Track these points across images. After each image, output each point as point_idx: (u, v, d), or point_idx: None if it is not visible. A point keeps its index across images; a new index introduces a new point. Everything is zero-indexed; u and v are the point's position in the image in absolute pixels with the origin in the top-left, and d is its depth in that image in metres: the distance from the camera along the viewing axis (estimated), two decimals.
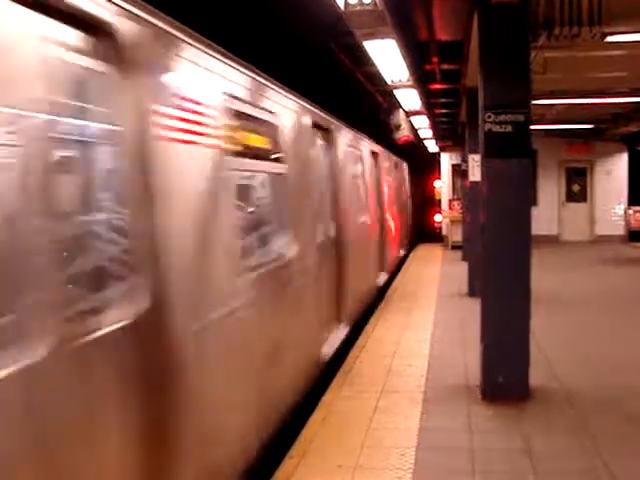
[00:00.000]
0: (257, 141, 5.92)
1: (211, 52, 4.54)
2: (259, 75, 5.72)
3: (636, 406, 6.29)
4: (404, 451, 5.35)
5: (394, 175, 17.83)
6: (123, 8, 3.30)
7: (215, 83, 4.63)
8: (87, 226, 3.14)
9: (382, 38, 6.84)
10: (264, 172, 6.11)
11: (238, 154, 5.05)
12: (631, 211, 22.40)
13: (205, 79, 4.45)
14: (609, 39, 7.64)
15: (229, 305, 4.49)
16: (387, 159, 16.26)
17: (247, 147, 5.46)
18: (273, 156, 6.25)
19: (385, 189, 14.92)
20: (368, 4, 5.56)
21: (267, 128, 6.05)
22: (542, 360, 7.67)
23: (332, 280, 8.44)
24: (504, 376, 6.59)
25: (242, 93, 5.22)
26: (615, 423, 5.90)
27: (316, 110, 8.06)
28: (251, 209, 5.70)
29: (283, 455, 5.35)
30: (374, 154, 13.64)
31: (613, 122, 19.14)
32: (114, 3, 3.22)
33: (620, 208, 22.82)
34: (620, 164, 22.90)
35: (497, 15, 6.46)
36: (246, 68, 5.33)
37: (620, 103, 15.63)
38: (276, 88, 6.31)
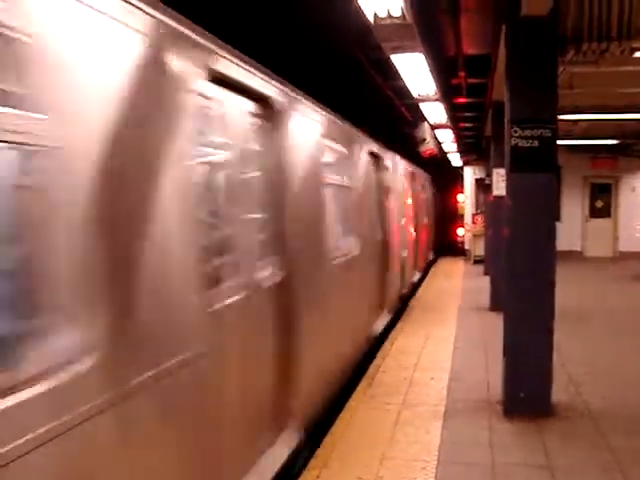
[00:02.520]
0: (341, 171, 7.91)
1: (308, 103, 6.33)
2: (337, 116, 7.72)
3: None
4: (424, 465, 5.34)
5: (422, 191, 19.39)
6: (276, 87, 5.23)
7: (314, 127, 6.60)
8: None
9: (410, 52, 6.86)
10: (342, 189, 7.99)
11: (328, 176, 7.11)
12: None
13: (309, 125, 6.39)
14: (638, 54, 7.61)
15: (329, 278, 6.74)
16: (419, 177, 18.57)
17: (332, 170, 7.43)
18: (346, 177, 8.22)
19: (417, 203, 17.06)
20: (397, 17, 5.59)
21: (347, 159, 8.26)
22: (564, 376, 7.64)
23: (379, 275, 10.34)
24: (526, 391, 6.56)
25: (329, 132, 7.14)
26: (637, 440, 5.86)
27: (373, 142, 10.29)
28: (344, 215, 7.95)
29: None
30: (412, 174, 16.04)
31: (639, 138, 19.04)
32: (272, 85, 5.12)
33: None
34: None
35: (525, 29, 6.46)
36: (330, 112, 7.30)
37: None
38: (353, 129, 8.69)
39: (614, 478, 5.09)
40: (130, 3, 2.98)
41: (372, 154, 10.33)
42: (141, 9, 3.07)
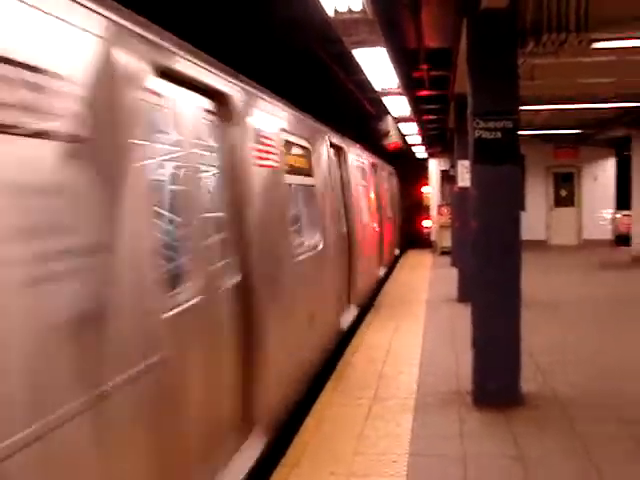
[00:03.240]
0: (300, 162, 7.70)
1: (269, 99, 6.23)
2: (300, 111, 7.72)
3: (626, 410, 6.32)
4: (396, 458, 5.35)
5: (387, 184, 19.44)
6: (234, 83, 5.10)
7: (274, 122, 6.38)
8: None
9: (371, 46, 6.86)
10: (305, 185, 7.92)
11: (291, 172, 7.02)
12: (618, 215, 22.51)
13: (270, 121, 6.20)
14: (595, 45, 7.68)
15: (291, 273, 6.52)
16: (383, 169, 18.42)
17: (295, 167, 7.33)
18: (309, 172, 8.07)
19: (381, 196, 16.82)
20: (357, 12, 5.58)
21: (306, 151, 7.97)
22: (533, 365, 7.71)
23: (345, 270, 10.18)
24: (495, 382, 6.61)
25: (289, 126, 7.02)
26: (606, 427, 5.92)
27: (332, 132, 9.93)
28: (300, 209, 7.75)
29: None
30: (374, 165, 15.81)
31: (600, 127, 19.25)
32: (229, 81, 5.00)
33: (607, 213, 22.93)
34: (607, 169, 23.02)
35: (485, 22, 6.49)
36: (291, 107, 7.24)
37: (607, 108, 15.71)
38: (310, 120, 8.39)
39: (583, 466, 5.14)
40: None
41: (336, 148, 10.27)
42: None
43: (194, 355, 4.06)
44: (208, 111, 4.77)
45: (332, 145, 9.86)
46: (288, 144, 7.02)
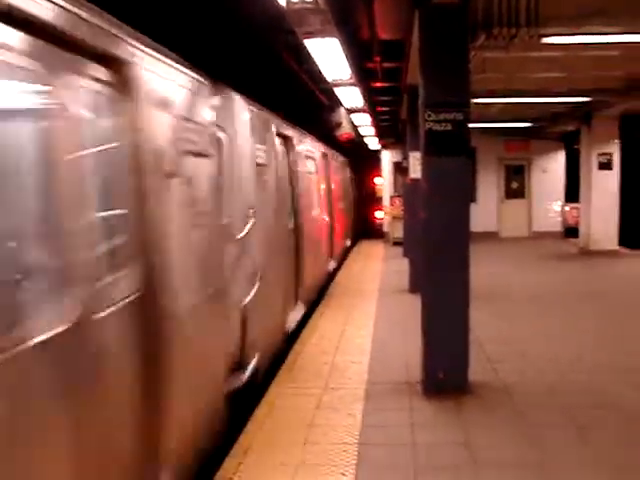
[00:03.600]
0: (237, 154, 6.58)
1: (186, 70, 5.09)
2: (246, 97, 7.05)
3: (570, 398, 6.46)
4: (346, 447, 5.39)
5: (339, 174, 19.21)
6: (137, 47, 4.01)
7: (193, 98, 5.25)
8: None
9: (323, 36, 6.84)
10: (245, 173, 6.87)
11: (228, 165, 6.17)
12: (567, 208, 22.84)
13: (185, 95, 5.06)
14: (546, 40, 7.79)
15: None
16: (334, 159, 17.99)
17: (231, 157, 6.33)
18: (249, 163, 7.07)
19: (333, 187, 16.53)
20: (309, 2, 5.57)
21: (247, 141, 7.01)
22: (481, 355, 7.81)
23: (292, 266, 9.76)
24: (444, 371, 6.69)
25: (215, 106, 5.86)
26: (550, 414, 6.05)
27: (280, 121, 9.30)
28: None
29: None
30: (325, 155, 15.32)
31: (551, 121, 19.53)
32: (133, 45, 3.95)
33: (557, 205, 23.27)
34: (557, 162, 23.35)
35: (437, 15, 6.54)
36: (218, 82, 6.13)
37: (557, 103, 15.96)
38: (254, 108, 7.47)
39: (529, 451, 5.24)
40: None
41: (283, 138, 9.72)
42: None
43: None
44: (97, 78, 3.68)
45: (279, 134, 9.25)
46: (213, 124, 5.90)
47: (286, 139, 10.05)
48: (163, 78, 4.54)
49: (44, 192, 3.08)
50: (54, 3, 3.05)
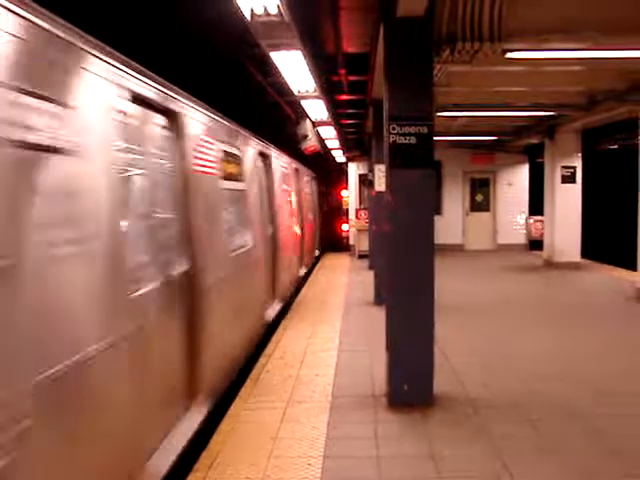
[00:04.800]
0: (233, 168, 8.34)
1: (199, 109, 6.66)
2: (232, 122, 8.47)
3: (535, 410, 6.49)
4: (311, 461, 5.37)
5: (306, 187, 19.89)
6: (180, 101, 5.86)
7: (211, 131, 7.06)
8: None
9: (288, 49, 6.86)
10: (238, 190, 8.62)
11: (225, 178, 7.66)
12: (531, 221, 23.07)
13: (206, 129, 6.86)
14: (509, 55, 7.88)
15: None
16: (304, 174, 19.26)
17: (228, 172, 7.96)
18: (240, 178, 8.78)
19: (302, 200, 17.71)
20: (274, 15, 5.58)
21: (236, 158, 8.62)
22: (446, 367, 7.84)
23: (270, 267, 10.97)
24: (409, 384, 6.70)
25: (225, 137, 7.90)
26: (516, 427, 6.07)
27: (258, 139, 10.66)
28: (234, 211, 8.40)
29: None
30: (297, 170, 16.75)
31: (515, 134, 19.74)
32: (178, 100, 5.79)
33: (521, 218, 23.49)
34: (522, 175, 23.58)
35: (401, 29, 6.57)
36: (226, 119, 8.06)
37: (521, 116, 16.14)
38: (241, 131, 9.14)
39: (494, 464, 5.25)
40: None
41: (262, 155, 10.95)
42: None
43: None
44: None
45: (259, 153, 10.56)
46: (227, 155, 7.92)
47: (264, 156, 11.25)
48: (193, 119, 6.27)
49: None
50: (151, 85, 4.98)
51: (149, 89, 5.01)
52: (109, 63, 4.14)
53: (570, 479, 5.01)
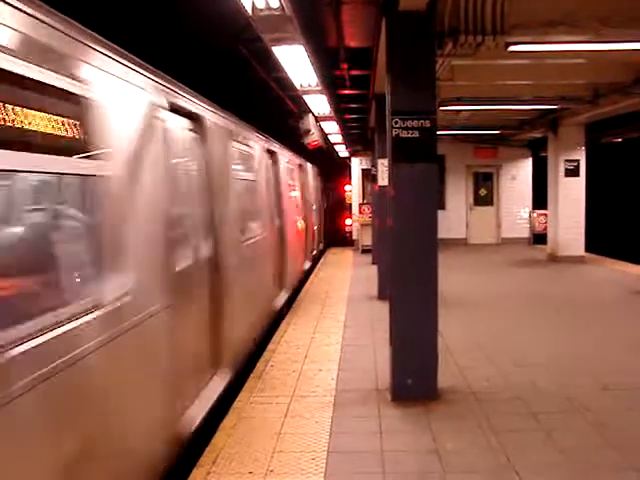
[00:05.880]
0: (246, 165, 9.16)
1: (222, 114, 7.54)
2: (247, 123, 9.42)
3: (539, 403, 6.48)
4: (315, 455, 5.37)
5: (310, 182, 20.18)
6: (206, 108, 6.71)
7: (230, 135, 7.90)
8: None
9: (290, 44, 6.83)
10: (250, 185, 9.39)
11: (240, 174, 8.50)
12: (535, 214, 23.03)
13: (228, 134, 7.78)
14: (512, 48, 7.85)
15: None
16: (308, 169, 19.54)
17: (242, 169, 8.84)
18: (252, 174, 9.55)
19: (306, 195, 18.08)
20: (276, 9, 5.55)
21: (248, 156, 9.39)
22: (450, 361, 7.84)
23: (279, 258, 11.74)
24: (413, 378, 6.69)
25: (238, 137, 8.51)
26: (519, 420, 6.07)
27: (266, 137, 11.32)
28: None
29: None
30: (300, 166, 17.00)
31: (518, 128, 19.69)
32: (203, 107, 6.60)
33: (525, 212, 23.46)
34: (525, 169, 23.54)
35: (404, 23, 6.54)
36: (243, 122, 9.07)
37: (525, 110, 16.10)
38: (256, 132, 10.16)
39: (498, 458, 5.25)
40: None
41: (270, 153, 11.53)
42: None
43: None
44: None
45: (267, 150, 11.16)
46: (240, 153, 8.68)
47: (271, 153, 11.72)
48: (213, 122, 6.93)
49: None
50: (186, 97, 5.95)
51: (184, 100, 5.98)
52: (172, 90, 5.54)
53: (573, 472, 5.00)
